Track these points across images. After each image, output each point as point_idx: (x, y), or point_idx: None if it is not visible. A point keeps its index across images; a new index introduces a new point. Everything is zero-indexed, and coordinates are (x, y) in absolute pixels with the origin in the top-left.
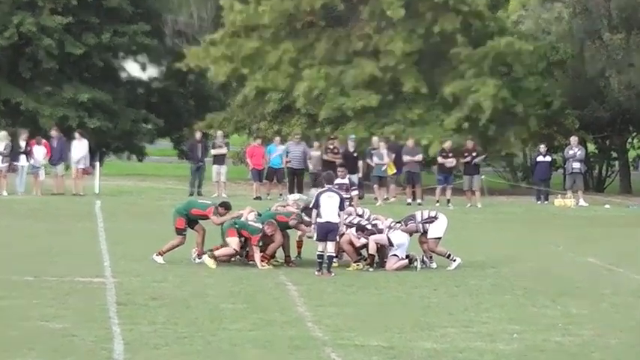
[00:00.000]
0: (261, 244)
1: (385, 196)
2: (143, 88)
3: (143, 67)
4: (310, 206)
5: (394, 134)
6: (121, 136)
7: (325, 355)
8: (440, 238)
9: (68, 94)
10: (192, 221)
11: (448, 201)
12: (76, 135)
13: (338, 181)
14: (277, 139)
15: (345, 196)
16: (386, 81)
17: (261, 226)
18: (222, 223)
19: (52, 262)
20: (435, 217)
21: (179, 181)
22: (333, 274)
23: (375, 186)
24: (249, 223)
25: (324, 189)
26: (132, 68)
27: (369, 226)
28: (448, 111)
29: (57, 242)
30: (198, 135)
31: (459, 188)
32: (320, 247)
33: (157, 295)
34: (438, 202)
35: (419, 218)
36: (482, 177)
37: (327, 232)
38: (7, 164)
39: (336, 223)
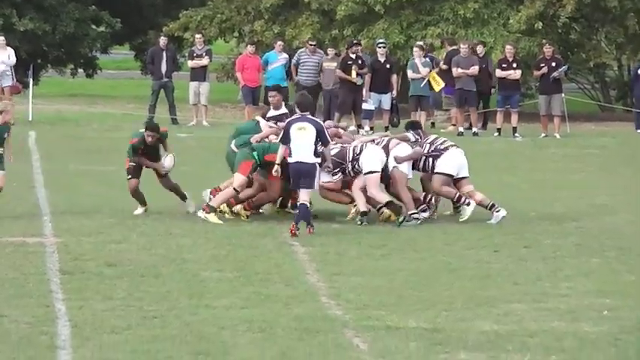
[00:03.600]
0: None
1: (429, 120)
2: None
3: None
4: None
5: (440, 38)
6: (63, 43)
7: (346, 341)
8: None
9: None
10: None
11: (514, 130)
12: (0, 40)
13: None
14: (279, 44)
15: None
16: None
17: None
18: None
19: None
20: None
21: (142, 105)
22: (311, 231)
23: (413, 111)
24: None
25: (296, 117)
26: None
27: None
28: (515, 5)
29: None
30: (161, 41)
31: (530, 112)
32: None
33: (114, 261)
34: (499, 130)
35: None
36: (563, 96)
37: (300, 176)
38: None
39: (312, 164)
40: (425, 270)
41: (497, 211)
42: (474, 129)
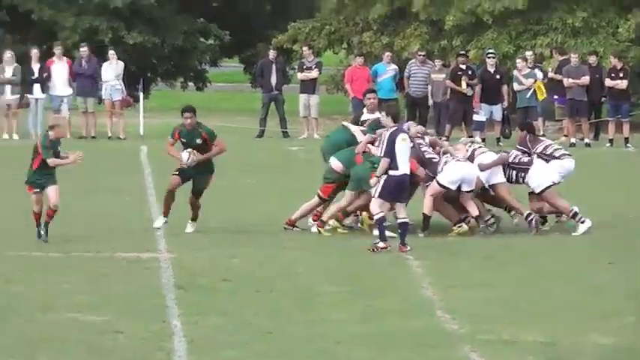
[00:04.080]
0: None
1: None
2: None
3: None
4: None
5: (549, 48)
6: (172, 56)
7: (463, 355)
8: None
9: None
10: None
11: (626, 140)
12: (110, 54)
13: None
14: (387, 55)
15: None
16: None
17: None
18: None
19: (84, 232)
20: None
21: (252, 118)
22: (408, 248)
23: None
24: None
25: (395, 127)
26: None
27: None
28: (624, 13)
29: (90, 205)
30: (271, 54)
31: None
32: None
33: (228, 276)
34: (611, 141)
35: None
36: None
37: (403, 189)
38: (16, 96)
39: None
40: (539, 282)
41: (582, 222)
42: (586, 140)
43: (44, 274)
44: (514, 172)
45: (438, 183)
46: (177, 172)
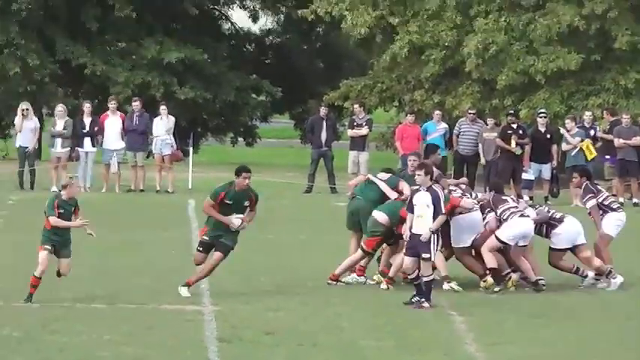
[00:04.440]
0: None
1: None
2: (253, 44)
3: (254, 16)
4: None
5: (601, 108)
6: (223, 111)
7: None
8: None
9: (150, 52)
10: None
11: None
12: (161, 109)
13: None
14: (437, 113)
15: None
16: (591, 34)
17: None
18: None
19: (130, 284)
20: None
21: (302, 173)
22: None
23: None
24: None
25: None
26: (238, 17)
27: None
28: None
29: (137, 257)
30: (322, 110)
31: None
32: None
33: (272, 329)
34: None
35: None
36: None
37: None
38: (67, 149)
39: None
40: (586, 340)
41: (614, 278)
42: (635, 199)
43: (87, 326)
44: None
45: (498, 239)
46: (200, 249)
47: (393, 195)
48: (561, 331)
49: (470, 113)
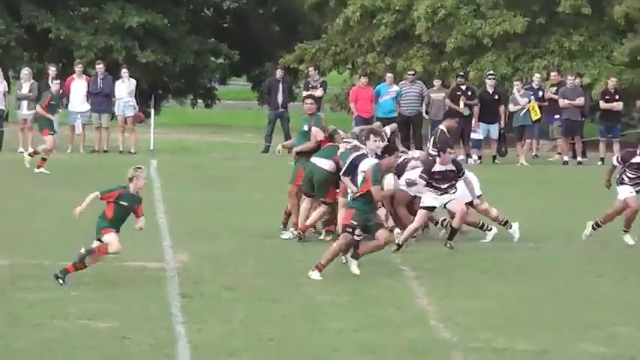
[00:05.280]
0: None
1: (533, 153)
2: (211, 8)
3: None
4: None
5: (546, 70)
6: (183, 74)
7: None
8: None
9: (112, 17)
10: None
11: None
12: (123, 72)
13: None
14: (389, 76)
15: None
16: None
17: None
18: None
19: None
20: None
21: (259, 134)
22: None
23: (518, 141)
24: None
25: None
26: None
27: None
28: (619, 38)
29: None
30: (278, 73)
31: (633, 142)
32: None
33: (233, 285)
34: (602, 160)
35: None
36: None
37: None
38: (32, 112)
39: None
40: (532, 293)
41: (510, 228)
42: (579, 158)
43: (56, 283)
44: None
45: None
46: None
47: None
48: (508, 286)
49: (409, 74)
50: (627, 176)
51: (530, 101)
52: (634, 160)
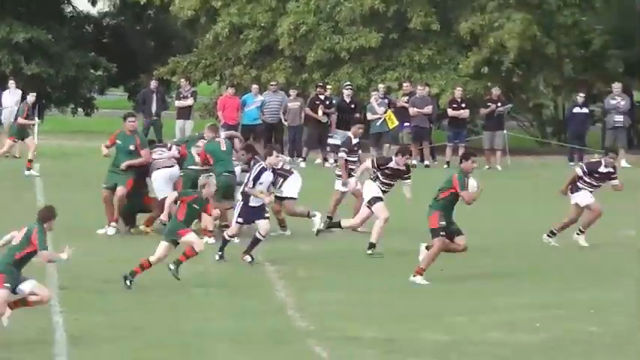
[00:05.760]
0: None
1: None
2: (92, 25)
3: (92, 0)
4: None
5: (398, 81)
6: (65, 85)
7: (309, 349)
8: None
9: (0, 33)
10: None
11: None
12: (10, 83)
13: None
14: (254, 87)
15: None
16: (389, 15)
17: None
18: None
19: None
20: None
21: None
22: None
23: (372, 146)
24: None
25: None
26: (78, 1)
27: None
28: (464, 52)
29: None
30: (152, 83)
31: (477, 147)
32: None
33: (108, 278)
34: (448, 163)
35: None
36: (505, 133)
37: None
38: None
39: None
40: (380, 287)
41: (314, 217)
42: (427, 162)
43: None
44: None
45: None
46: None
47: None
48: (361, 281)
49: (271, 85)
50: (586, 183)
51: (386, 111)
52: (601, 170)
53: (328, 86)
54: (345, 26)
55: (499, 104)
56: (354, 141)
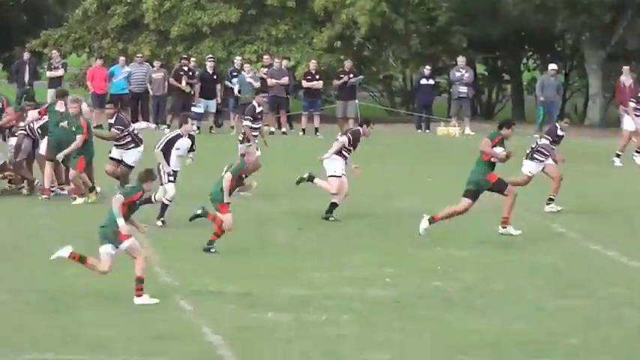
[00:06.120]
0: None
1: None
2: None
3: None
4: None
5: (256, 54)
6: None
7: (175, 303)
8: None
9: None
10: None
11: (316, 130)
12: None
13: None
14: (122, 59)
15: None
16: None
17: None
18: None
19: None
20: None
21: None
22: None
23: (232, 113)
24: None
25: None
26: None
27: None
28: (318, 27)
29: None
30: (25, 55)
31: (330, 115)
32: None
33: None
34: (303, 130)
35: None
36: (357, 102)
37: None
38: None
39: None
40: (241, 246)
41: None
42: (284, 129)
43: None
44: None
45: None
46: None
47: None
48: (224, 239)
49: (137, 57)
50: (546, 152)
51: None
52: (559, 133)
53: (192, 59)
54: (206, 2)
55: (351, 76)
56: (258, 109)
